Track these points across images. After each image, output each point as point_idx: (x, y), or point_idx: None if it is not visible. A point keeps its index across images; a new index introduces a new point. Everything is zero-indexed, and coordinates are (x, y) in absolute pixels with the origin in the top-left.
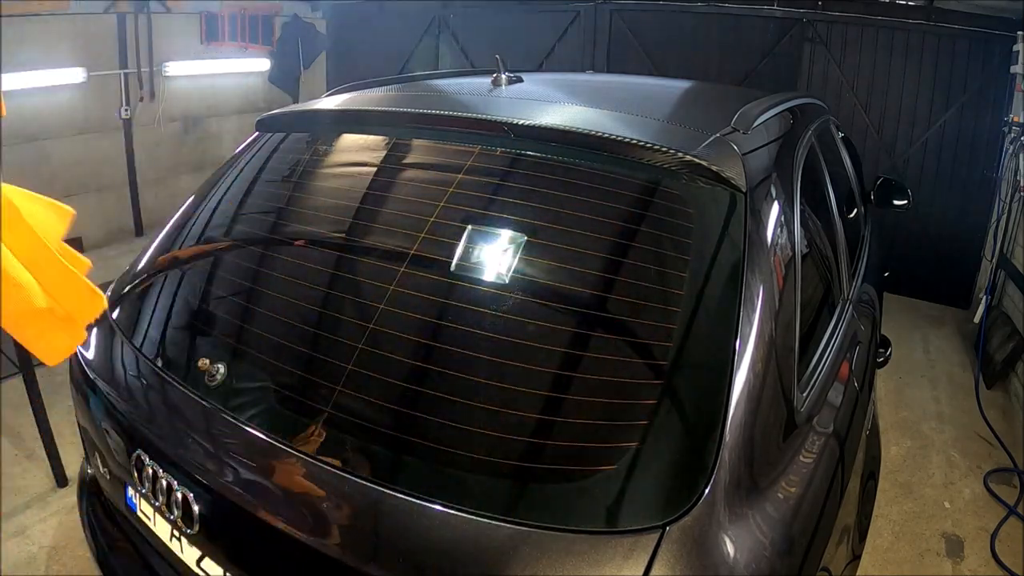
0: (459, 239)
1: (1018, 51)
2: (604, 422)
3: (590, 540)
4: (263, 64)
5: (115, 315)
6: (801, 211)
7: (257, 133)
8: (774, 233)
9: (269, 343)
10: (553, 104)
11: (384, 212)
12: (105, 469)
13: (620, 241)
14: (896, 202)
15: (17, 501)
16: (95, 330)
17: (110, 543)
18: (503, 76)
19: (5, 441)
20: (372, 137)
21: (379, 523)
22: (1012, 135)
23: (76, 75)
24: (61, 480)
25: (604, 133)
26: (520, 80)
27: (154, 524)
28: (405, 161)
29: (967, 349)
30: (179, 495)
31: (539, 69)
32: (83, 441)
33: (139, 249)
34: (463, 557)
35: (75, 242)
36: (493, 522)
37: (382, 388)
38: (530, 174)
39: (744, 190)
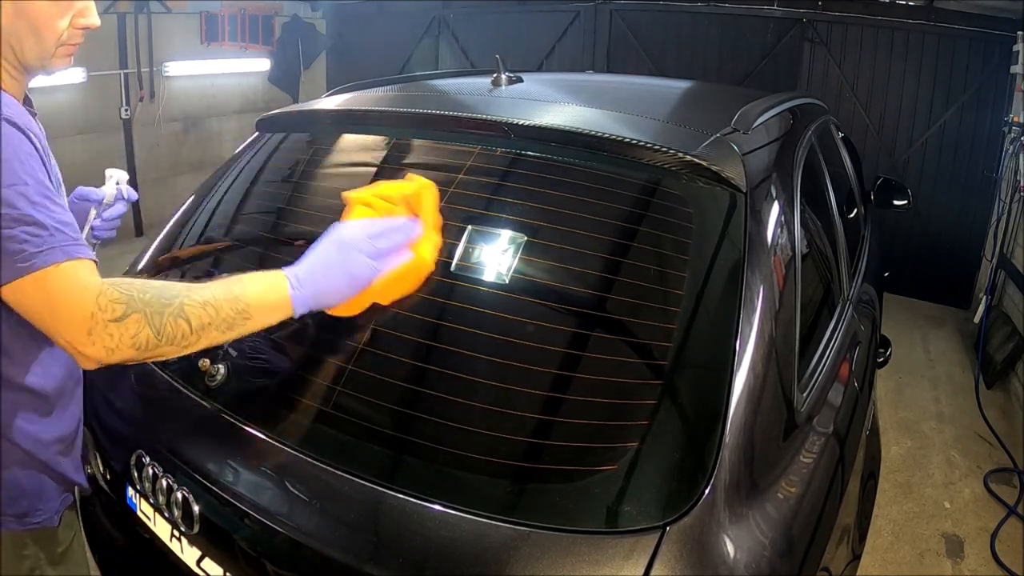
0: (459, 239)
1: (1018, 51)
2: (604, 422)
3: (590, 540)
4: (263, 64)
5: None
6: (801, 211)
7: (257, 133)
8: (774, 233)
9: (270, 342)
10: (553, 104)
11: None
12: (105, 469)
13: (620, 241)
14: (896, 202)
15: None
16: None
17: (110, 543)
18: (503, 76)
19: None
20: (372, 137)
21: (379, 523)
22: (1012, 135)
23: (76, 75)
24: None
25: (604, 133)
26: (520, 80)
27: (154, 524)
28: (405, 161)
29: (967, 349)
30: (179, 495)
31: (539, 69)
32: None
33: (139, 249)
34: (463, 557)
35: None
36: (493, 522)
37: (382, 388)
38: (530, 174)
39: (744, 190)
